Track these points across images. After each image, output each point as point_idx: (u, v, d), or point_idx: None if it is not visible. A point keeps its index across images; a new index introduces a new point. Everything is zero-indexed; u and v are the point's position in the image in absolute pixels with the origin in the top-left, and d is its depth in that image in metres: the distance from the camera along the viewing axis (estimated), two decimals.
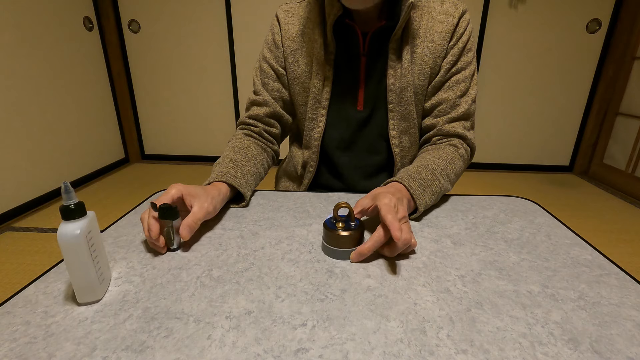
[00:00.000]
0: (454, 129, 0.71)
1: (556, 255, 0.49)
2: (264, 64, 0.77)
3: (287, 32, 0.74)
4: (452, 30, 0.69)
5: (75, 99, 2.31)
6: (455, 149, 0.70)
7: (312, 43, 0.73)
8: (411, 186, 0.58)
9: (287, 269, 0.45)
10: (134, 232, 0.55)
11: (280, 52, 0.75)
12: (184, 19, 2.55)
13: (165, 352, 0.32)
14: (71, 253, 0.36)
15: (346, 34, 0.71)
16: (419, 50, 0.70)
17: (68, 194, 0.35)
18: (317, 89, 0.74)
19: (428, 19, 0.70)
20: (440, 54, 0.70)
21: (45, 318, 0.37)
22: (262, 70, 0.77)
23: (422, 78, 0.71)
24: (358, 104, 0.74)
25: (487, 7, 2.38)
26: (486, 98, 2.62)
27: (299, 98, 0.77)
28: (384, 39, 0.70)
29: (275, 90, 0.77)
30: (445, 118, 0.72)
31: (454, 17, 0.69)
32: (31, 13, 1.97)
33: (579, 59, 2.48)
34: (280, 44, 0.75)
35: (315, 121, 0.76)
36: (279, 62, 0.75)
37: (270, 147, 0.79)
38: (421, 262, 0.47)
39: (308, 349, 0.33)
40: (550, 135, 2.69)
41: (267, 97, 0.76)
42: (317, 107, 0.75)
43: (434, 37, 0.70)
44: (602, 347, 0.33)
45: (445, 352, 0.33)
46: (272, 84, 0.76)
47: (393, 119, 0.73)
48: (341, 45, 0.72)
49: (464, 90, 0.71)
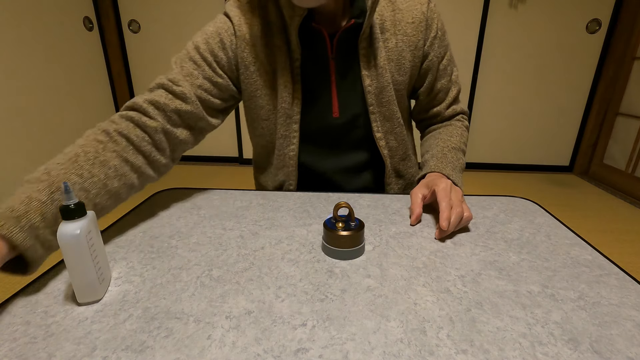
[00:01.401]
0: (454, 110, 0.77)
1: (556, 255, 0.49)
2: (196, 54, 0.63)
3: (244, 34, 0.64)
4: (424, 19, 0.67)
5: (75, 99, 2.31)
6: (460, 123, 0.77)
7: (274, 48, 0.64)
8: (450, 174, 0.63)
9: (287, 269, 0.45)
10: (134, 232, 0.55)
11: (226, 55, 0.64)
12: (184, 19, 2.55)
13: (165, 352, 0.32)
14: (71, 253, 0.36)
15: (311, 38, 0.64)
16: (392, 45, 0.67)
17: (68, 194, 0.35)
18: (287, 102, 0.66)
19: (393, 10, 0.67)
20: (417, 45, 0.68)
21: (45, 318, 0.37)
22: (191, 59, 0.63)
23: (402, 73, 0.69)
24: (333, 111, 0.69)
25: (487, 7, 2.38)
26: (486, 98, 2.62)
27: (261, 112, 0.69)
28: (351, 39, 0.64)
29: (202, 89, 0.62)
30: (445, 104, 0.77)
31: (422, 4, 0.67)
32: (31, 13, 1.97)
33: (579, 59, 2.48)
34: (230, 47, 0.64)
35: (289, 138, 0.69)
36: (221, 64, 0.64)
37: (154, 157, 0.57)
38: (421, 262, 0.47)
39: (308, 349, 0.33)
40: (550, 135, 2.69)
41: (188, 92, 0.60)
42: (288, 123, 0.68)
43: (406, 29, 0.67)
44: (602, 347, 0.33)
45: (445, 352, 0.33)
46: (202, 80, 0.62)
47: (376, 121, 0.70)
48: (306, 50, 0.65)
49: (450, 72, 0.74)
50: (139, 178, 0.55)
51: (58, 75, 2.17)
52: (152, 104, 0.58)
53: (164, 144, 0.58)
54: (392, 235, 0.53)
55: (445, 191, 0.56)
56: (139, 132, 0.55)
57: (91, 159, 0.48)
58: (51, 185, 0.43)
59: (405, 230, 0.55)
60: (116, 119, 0.55)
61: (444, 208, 0.53)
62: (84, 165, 0.47)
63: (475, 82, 2.56)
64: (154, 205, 0.65)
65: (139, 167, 0.55)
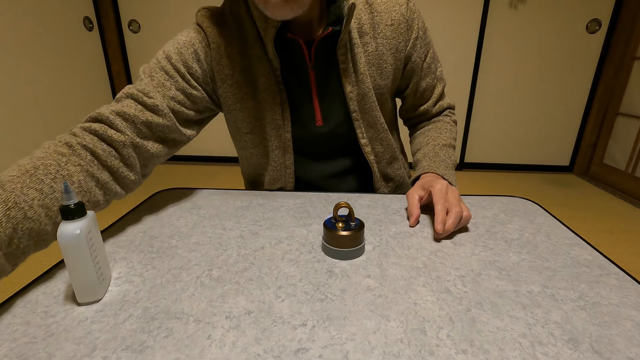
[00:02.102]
0: (441, 107, 0.78)
1: (556, 255, 0.49)
2: (167, 64, 0.59)
3: (217, 46, 0.61)
4: (403, 20, 0.65)
5: (75, 99, 2.31)
6: (448, 118, 0.79)
7: (252, 59, 0.62)
8: (444, 173, 0.64)
9: (287, 269, 0.45)
10: (134, 232, 0.55)
11: (201, 68, 0.61)
12: (184, 19, 2.55)
13: (165, 352, 0.32)
14: (71, 253, 0.36)
15: (288, 47, 0.62)
16: (372, 49, 0.65)
17: (68, 194, 0.35)
18: (276, 112, 0.64)
19: (371, 13, 0.64)
20: (398, 47, 0.66)
21: (45, 318, 0.37)
22: (163, 70, 0.59)
23: (385, 77, 0.67)
24: (317, 120, 0.68)
25: (487, 7, 2.38)
26: (486, 98, 2.62)
27: (243, 125, 0.67)
28: (330, 46, 0.62)
29: (175, 100, 0.58)
30: (431, 102, 0.77)
31: (400, 5, 0.65)
32: (31, 13, 1.97)
33: (579, 59, 2.48)
34: (205, 60, 0.61)
35: (283, 149, 0.68)
36: (195, 77, 0.61)
37: (122, 173, 0.53)
38: (421, 262, 0.47)
39: (308, 349, 0.33)
40: (550, 135, 2.69)
41: (160, 104, 0.56)
42: (281, 134, 0.67)
43: (385, 31, 0.65)
44: (602, 347, 0.33)
45: (445, 352, 0.33)
46: (175, 91, 0.59)
47: (360, 127, 0.69)
48: (284, 59, 0.63)
49: (434, 70, 0.74)
50: (105, 195, 0.51)
51: (58, 75, 2.17)
52: (119, 115, 0.53)
53: (133, 159, 0.54)
54: (392, 235, 0.53)
55: (441, 192, 0.56)
56: (105, 146, 0.51)
57: (52, 172, 0.43)
58: (6, 201, 0.38)
59: (405, 230, 0.55)
60: (78, 131, 0.51)
61: (438, 211, 0.53)
62: (44, 180, 0.42)
63: (475, 82, 2.56)
64: (154, 205, 0.65)
65: (105, 183, 0.50)
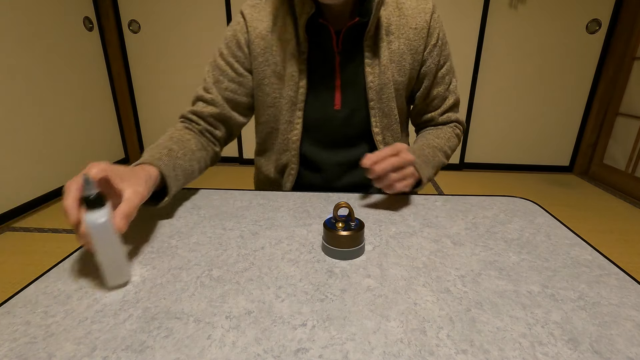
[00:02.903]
0: (448, 118, 0.80)
1: (556, 256, 0.49)
2: (220, 60, 0.72)
3: (255, 29, 0.70)
4: (426, 27, 0.71)
5: (75, 99, 2.31)
6: (451, 129, 0.80)
7: (283, 42, 0.70)
8: (416, 162, 0.64)
9: (287, 269, 0.45)
10: (134, 232, 0.55)
11: (243, 52, 0.71)
12: (184, 19, 2.55)
13: (165, 352, 0.32)
14: (101, 239, 0.39)
15: (319, 33, 0.69)
16: (395, 47, 0.71)
17: (89, 185, 0.38)
18: (292, 90, 0.71)
19: (399, 15, 0.71)
20: (417, 50, 0.72)
21: (45, 318, 0.37)
22: (217, 66, 0.72)
23: (402, 74, 0.73)
24: (335, 104, 0.73)
25: (487, 7, 2.38)
26: (486, 98, 2.62)
27: (267, 99, 0.74)
28: (357, 36, 0.69)
29: (228, 91, 0.73)
30: (440, 111, 0.79)
31: (426, 13, 0.71)
32: (31, 13, 1.97)
33: (579, 59, 2.48)
34: (244, 44, 0.71)
35: (292, 124, 0.74)
36: (241, 62, 0.72)
37: (211, 147, 0.74)
38: (421, 262, 0.47)
39: (308, 349, 0.33)
40: (550, 135, 2.69)
41: (217, 97, 0.72)
42: (293, 110, 0.72)
43: (409, 33, 0.71)
44: (602, 347, 0.33)
45: (445, 352, 0.32)
46: (227, 83, 0.72)
47: (375, 117, 0.73)
48: (314, 44, 0.70)
49: (448, 82, 0.77)
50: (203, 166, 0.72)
51: (58, 76, 2.17)
52: (194, 114, 0.73)
53: (210, 142, 0.74)
54: (392, 235, 0.53)
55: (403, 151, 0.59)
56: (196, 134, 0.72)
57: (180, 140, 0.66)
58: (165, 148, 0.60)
59: (405, 230, 0.55)
60: (178, 126, 0.72)
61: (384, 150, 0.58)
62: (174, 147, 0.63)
63: (475, 82, 2.56)
64: None
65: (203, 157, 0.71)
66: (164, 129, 0.72)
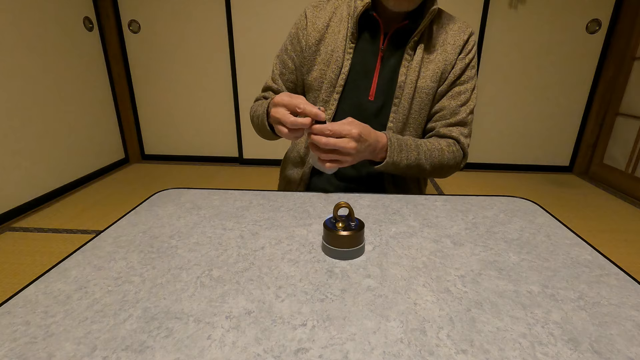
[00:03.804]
0: (450, 132, 0.79)
1: (556, 256, 0.49)
2: (284, 55, 0.84)
3: (314, 24, 0.79)
4: (462, 45, 0.77)
5: (75, 99, 2.31)
6: (447, 144, 0.77)
7: (335, 34, 0.78)
8: (392, 141, 0.69)
9: (287, 269, 0.45)
10: (134, 232, 0.55)
11: (301, 46, 0.81)
12: (184, 19, 2.55)
13: (165, 352, 0.32)
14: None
15: (369, 28, 0.77)
16: (433, 56, 0.77)
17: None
18: (334, 74, 0.78)
19: (443, 33, 0.78)
20: (450, 62, 0.77)
21: (45, 318, 0.37)
22: (281, 61, 0.84)
23: (434, 80, 0.77)
24: (370, 94, 0.79)
25: (487, 7, 2.38)
26: (486, 98, 2.62)
27: (315, 84, 0.81)
28: (403, 38, 0.76)
29: (290, 82, 0.85)
30: (444, 122, 0.79)
31: (465, 34, 0.77)
32: (31, 13, 1.97)
33: (579, 59, 2.48)
34: (302, 38, 0.80)
35: (328, 104, 0.80)
36: (299, 55, 0.81)
37: None
38: (421, 262, 0.47)
39: (308, 349, 0.33)
40: (550, 135, 2.69)
41: (281, 87, 0.85)
42: (330, 92, 0.79)
43: (446, 47, 0.77)
44: (602, 347, 0.33)
45: (445, 352, 0.32)
46: (289, 75, 0.84)
47: (395, 113, 0.77)
48: (363, 38, 0.77)
49: (464, 100, 0.78)
50: None
51: (58, 76, 2.16)
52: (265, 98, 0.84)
53: None
54: (392, 235, 0.53)
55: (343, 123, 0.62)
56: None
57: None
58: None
59: (405, 230, 0.55)
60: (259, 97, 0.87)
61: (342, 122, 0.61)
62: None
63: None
64: (154, 205, 0.65)
65: None
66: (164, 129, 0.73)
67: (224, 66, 2.64)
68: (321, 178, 0.86)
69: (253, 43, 2.53)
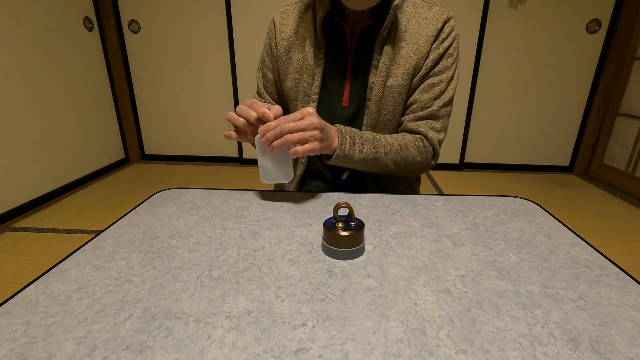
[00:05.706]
0: (417, 127, 0.74)
1: (556, 256, 0.49)
2: (264, 68, 0.83)
3: (282, 32, 0.77)
4: (435, 34, 0.72)
5: (75, 99, 2.31)
6: (414, 139, 0.73)
7: (304, 40, 0.76)
8: (342, 133, 0.66)
9: (287, 269, 0.45)
10: (134, 232, 0.55)
11: (274, 56, 0.79)
12: (184, 19, 2.55)
13: (165, 352, 0.32)
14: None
15: (336, 32, 0.74)
16: (404, 52, 0.72)
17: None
18: (307, 83, 0.76)
19: (414, 24, 0.72)
20: (423, 55, 0.72)
21: (45, 318, 0.37)
22: (263, 74, 0.83)
23: (405, 78, 0.73)
24: (343, 100, 0.77)
25: (487, 7, 2.38)
26: (486, 98, 2.62)
27: (290, 93, 0.79)
28: (371, 38, 0.72)
29: (274, 94, 0.84)
30: (412, 116, 0.74)
31: (439, 22, 0.72)
32: (31, 13, 1.97)
33: (579, 59, 2.48)
34: (274, 48, 0.78)
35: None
36: (275, 65, 0.79)
37: None
38: (421, 262, 0.47)
39: (308, 349, 0.33)
40: (550, 135, 2.69)
41: (268, 99, 0.83)
42: (306, 101, 0.77)
43: (418, 39, 0.72)
44: (602, 347, 0.33)
45: (445, 352, 0.32)
46: (271, 87, 0.83)
47: (367, 116, 0.75)
48: (331, 42, 0.75)
49: (437, 93, 0.73)
50: None
51: (58, 76, 2.16)
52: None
53: None
54: (392, 235, 0.53)
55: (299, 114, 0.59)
56: None
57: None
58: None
59: (405, 230, 0.55)
60: None
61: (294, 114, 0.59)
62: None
63: (475, 82, 2.56)
64: (154, 205, 0.65)
65: None
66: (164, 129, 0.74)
67: (224, 66, 2.64)
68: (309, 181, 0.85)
69: (253, 42, 2.53)
